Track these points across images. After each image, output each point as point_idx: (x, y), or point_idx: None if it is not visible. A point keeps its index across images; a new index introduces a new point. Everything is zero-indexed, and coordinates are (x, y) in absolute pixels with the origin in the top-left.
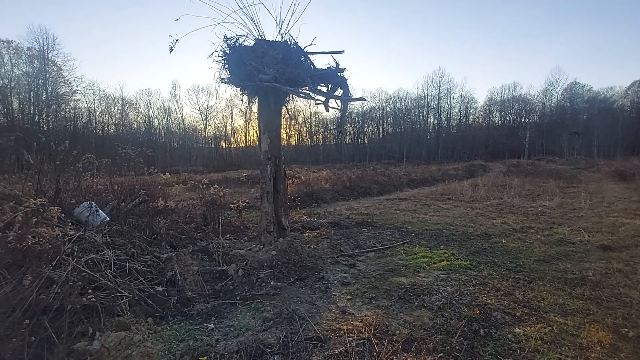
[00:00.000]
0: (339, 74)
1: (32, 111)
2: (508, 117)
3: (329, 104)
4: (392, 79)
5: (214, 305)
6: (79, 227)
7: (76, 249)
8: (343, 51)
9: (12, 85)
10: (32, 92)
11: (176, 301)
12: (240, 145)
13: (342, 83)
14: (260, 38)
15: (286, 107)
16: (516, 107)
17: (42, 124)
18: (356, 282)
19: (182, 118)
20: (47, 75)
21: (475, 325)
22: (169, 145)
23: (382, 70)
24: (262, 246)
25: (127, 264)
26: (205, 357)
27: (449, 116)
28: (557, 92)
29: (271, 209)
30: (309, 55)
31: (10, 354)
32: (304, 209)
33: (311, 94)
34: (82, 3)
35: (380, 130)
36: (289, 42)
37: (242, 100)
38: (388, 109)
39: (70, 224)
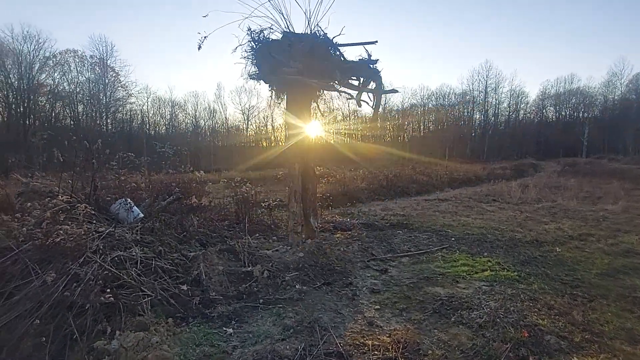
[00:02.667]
0: (371, 65)
1: (94, 114)
2: (564, 112)
3: (361, 99)
4: (435, 74)
5: (236, 308)
6: (113, 224)
7: (101, 246)
8: (376, 41)
9: (77, 91)
10: (94, 97)
11: (198, 302)
12: (280, 143)
13: (375, 75)
14: (287, 31)
15: (317, 103)
16: (573, 100)
17: (103, 126)
18: (387, 290)
19: (226, 118)
20: (107, 81)
21: (523, 350)
22: (213, 144)
23: (424, 66)
24: (290, 247)
25: (153, 262)
26: None
27: (496, 112)
28: (621, 84)
29: (299, 208)
30: (339, 47)
31: (33, 350)
32: (337, 209)
33: (340, 87)
34: (136, 12)
35: (422, 127)
36: (317, 34)
37: (271, 97)
38: (430, 105)
39: (105, 220)
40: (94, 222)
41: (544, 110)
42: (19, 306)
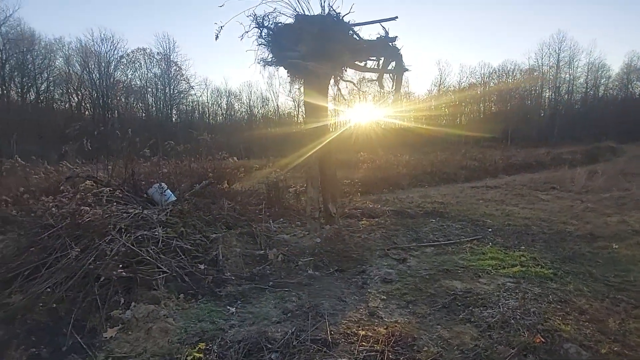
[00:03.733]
0: (390, 44)
1: (162, 107)
2: None
3: (383, 80)
4: (497, 49)
5: (245, 288)
6: (147, 206)
7: (122, 226)
8: (396, 17)
9: (147, 85)
10: (160, 90)
11: (211, 281)
12: (331, 129)
13: (395, 54)
14: (299, 13)
15: (337, 86)
16: None
17: (170, 118)
18: (399, 281)
19: (277, 106)
20: (170, 75)
21: (531, 357)
22: (266, 132)
23: (484, 41)
24: (308, 232)
25: (174, 242)
26: (204, 344)
27: (570, 89)
28: None
29: (316, 194)
30: (352, 27)
31: (64, 313)
32: (373, 195)
33: (351, 68)
34: (194, 8)
35: (482, 108)
36: (328, 14)
37: (291, 82)
38: (492, 83)
39: (142, 202)
40: (127, 204)
41: (629, 86)
42: (56, 275)
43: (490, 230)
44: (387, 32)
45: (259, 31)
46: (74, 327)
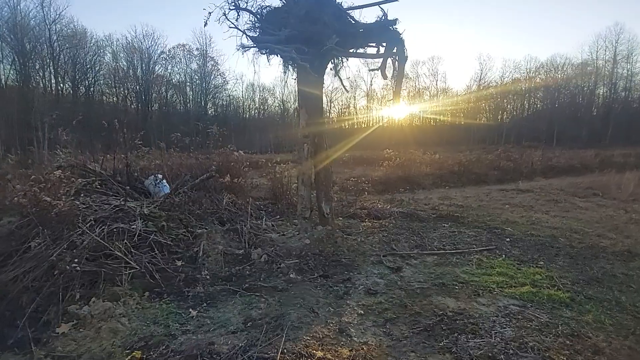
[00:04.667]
0: (391, 27)
1: (200, 100)
2: None
3: (385, 68)
4: (546, 42)
5: (216, 290)
6: (139, 198)
7: (94, 218)
8: None
9: (187, 80)
10: (197, 85)
11: (182, 279)
12: (363, 126)
13: (395, 39)
14: None
15: (339, 76)
16: None
17: (207, 111)
18: (385, 293)
19: None
20: (207, 70)
21: None
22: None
23: (531, 33)
24: (298, 232)
25: (152, 237)
26: (140, 352)
27: (628, 85)
28: None
29: (307, 192)
30: (341, 6)
31: (26, 304)
32: (388, 194)
33: (342, 55)
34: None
35: (526, 105)
36: None
37: (284, 71)
38: (538, 79)
39: (128, 194)
40: (115, 195)
41: None
42: (24, 264)
43: (508, 240)
44: (385, 14)
45: (237, 14)
46: (31, 319)
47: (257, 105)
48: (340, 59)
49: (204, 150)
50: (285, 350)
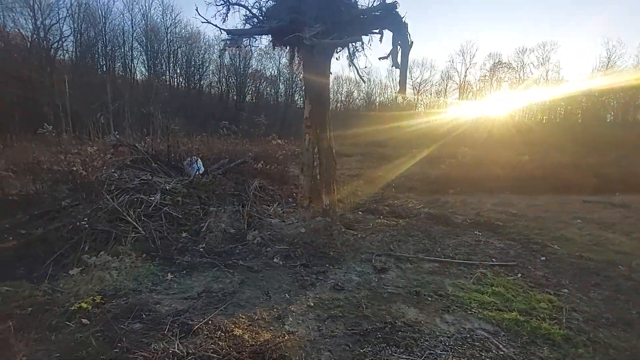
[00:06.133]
0: (393, 11)
1: (288, 93)
2: None
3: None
4: None
5: (201, 262)
6: (172, 175)
7: (117, 187)
8: None
9: (279, 74)
10: (287, 79)
11: (178, 247)
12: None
13: (396, 24)
14: None
15: (354, 65)
16: None
17: (295, 103)
18: (350, 291)
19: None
20: (295, 62)
21: None
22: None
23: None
24: (297, 221)
25: (165, 209)
26: (100, 297)
27: None
28: None
29: (307, 183)
30: None
31: (57, 248)
32: (439, 195)
33: (323, 40)
34: None
35: None
36: None
37: (290, 59)
38: None
39: (164, 172)
40: (151, 172)
41: None
42: (64, 219)
43: (543, 258)
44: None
45: (226, 9)
46: (56, 261)
47: (342, 97)
48: (355, 47)
49: (248, 139)
50: (210, 322)
